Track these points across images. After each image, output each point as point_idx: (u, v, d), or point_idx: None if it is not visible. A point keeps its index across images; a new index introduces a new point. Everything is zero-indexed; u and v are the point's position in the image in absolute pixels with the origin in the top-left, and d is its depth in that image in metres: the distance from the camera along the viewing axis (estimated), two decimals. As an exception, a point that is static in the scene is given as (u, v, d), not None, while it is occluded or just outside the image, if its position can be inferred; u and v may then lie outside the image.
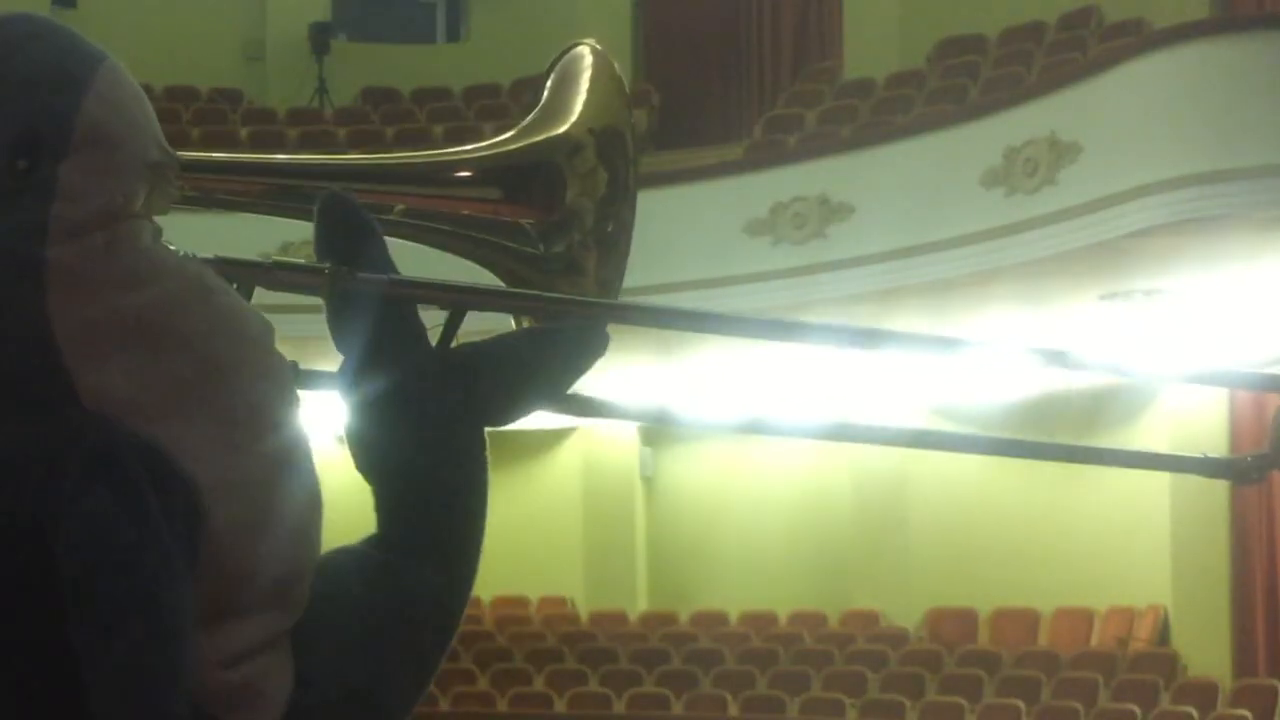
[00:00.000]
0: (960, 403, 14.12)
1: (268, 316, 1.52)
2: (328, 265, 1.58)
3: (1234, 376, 2.07)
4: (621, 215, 1.75)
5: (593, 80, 1.75)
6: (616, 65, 1.77)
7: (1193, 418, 12.72)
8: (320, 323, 1.60)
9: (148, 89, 1.49)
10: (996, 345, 1.78)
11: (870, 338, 1.82)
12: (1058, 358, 1.80)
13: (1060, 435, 12.74)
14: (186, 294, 1.43)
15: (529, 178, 1.73)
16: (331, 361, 1.62)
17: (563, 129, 1.74)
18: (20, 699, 1.37)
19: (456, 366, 1.62)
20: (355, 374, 1.60)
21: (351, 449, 1.61)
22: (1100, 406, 13.06)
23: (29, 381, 1.38)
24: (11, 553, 1.36)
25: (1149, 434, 13.08)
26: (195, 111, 16.22)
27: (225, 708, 1.42)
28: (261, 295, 1.60)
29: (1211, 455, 1.70)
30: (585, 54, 1.79)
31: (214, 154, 1.71)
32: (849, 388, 13.89)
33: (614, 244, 1.75)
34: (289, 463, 1.47)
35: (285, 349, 1.52)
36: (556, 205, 1.73)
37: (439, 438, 1.60)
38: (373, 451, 1.60)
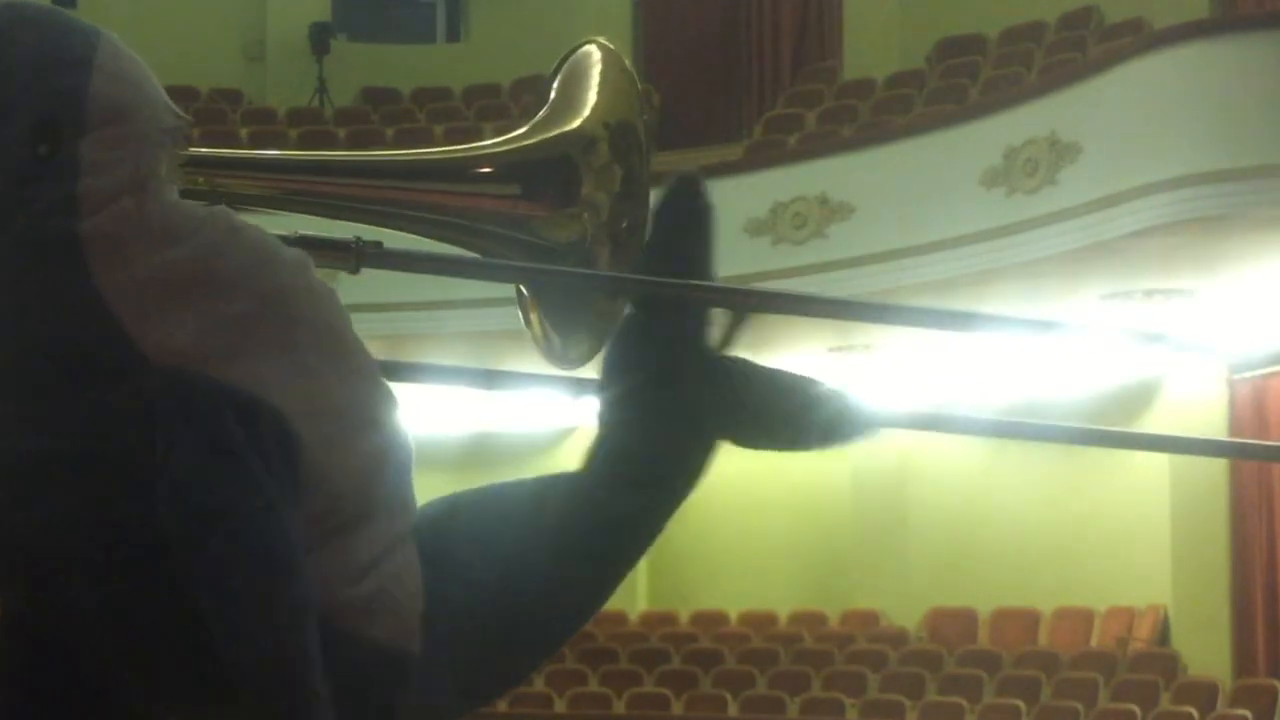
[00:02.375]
0: (960, 402, 14.13)
1: None
2: (353, 239, 1.61)
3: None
4: (636, 210, 1.77)
5: (603, 75, 1.77)
6: (627, 60, 1.78)
7: (1193, 416, 12.72)
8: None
9: (147, 89, 1.51)
10: (1094, 329, 1.81)
11: (967, 320, 1.87)
12: (1155, 340, 1.82)
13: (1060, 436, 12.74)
14: (220, 238, 1.45)
15: (545, 172, 1.75)
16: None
17: (576, 124, 1.76)
18: (143, 651, 1.39)
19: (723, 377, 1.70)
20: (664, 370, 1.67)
21: (613, 412, 1.68)
22: (1100, 406, 13.06)
23: (95, 352, 1.40)
24: (118, 517, 1.38)
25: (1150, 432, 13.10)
26: (195, 111, 16.18)
27: (363, 619, 1.45)
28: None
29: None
30: (594, 51, 1.80)
31: (242, 150, 1.73)
32: (853, 386, 13.88)
33: (628, 239, 1.76)
34: (360, 369, 1.50)
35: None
36: (572, 199, 1.74)
37: (698, 426, 1.69)
38: (641, 395, 1.66)
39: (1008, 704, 12.56)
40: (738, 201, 12.51)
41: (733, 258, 12.27)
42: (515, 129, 1.78)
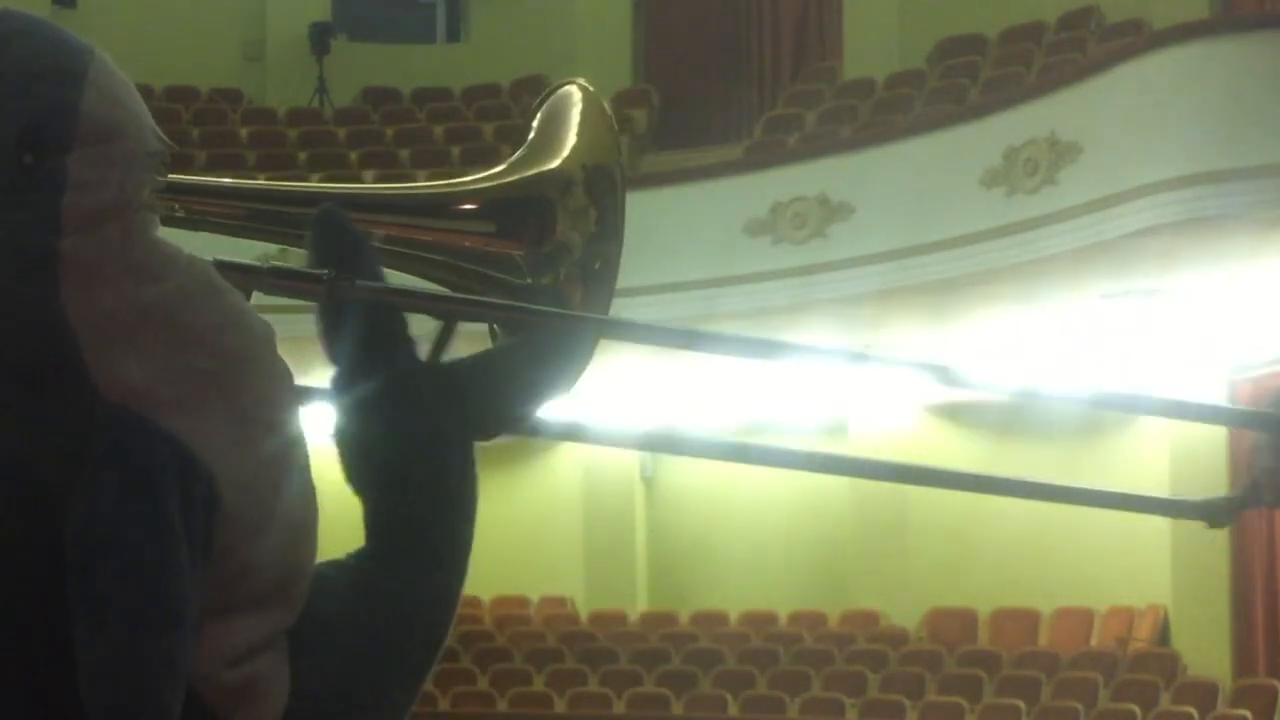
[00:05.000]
0: (959, 402, 14.12)
1: (267, 315, 1.53)
2: (326, 271, 1.59)
3: (1168, 405, 2.10)
4: (609, 252, 1.77)
5: (583, 117, 1.77)
6: (607, 104, 1.78)
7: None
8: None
9: (148, 89, 1.51)
10: (887, 360, 1.80)
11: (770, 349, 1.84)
12: (942, 374, 1.82)
13: (1059, 436, 12.76)
14: (198, 289, 1.44)
15: (521, 211, 1.75)
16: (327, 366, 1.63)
17: (555, 164, 1.76)
18: (41, 692, 1.39)
19: (447, 378, 1.63)
20: (346, 383, 1.61)
21: (341, 460, 1.62)
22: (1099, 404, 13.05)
23: (47, 372, 1.37)
24: (33, 545, 1.37)
25: (1148, 434, 13.09)
26: (195, 111, 16.23)
27: (230, 706, 1.43)
28: (260, 294, 1.60)
29: (1186, 498, 1.74)
30: (574, 92, 1.80)
31: (212, 180, 1.72)
32: (849, 386, 13.89)
33: (600, 279, 1.77)
34: (291, 461, 1.48)
35: (283, 350, 1.53)
36: (547, 238, 1.75)
37: (429, 450, 1.61)
38: (362, 463, 1.61)
39: (1008, 704, 12.56)
40: (738, 201, 12.51)
41: (733, 258, 12.29)
42: (515, 129, 1.79)
